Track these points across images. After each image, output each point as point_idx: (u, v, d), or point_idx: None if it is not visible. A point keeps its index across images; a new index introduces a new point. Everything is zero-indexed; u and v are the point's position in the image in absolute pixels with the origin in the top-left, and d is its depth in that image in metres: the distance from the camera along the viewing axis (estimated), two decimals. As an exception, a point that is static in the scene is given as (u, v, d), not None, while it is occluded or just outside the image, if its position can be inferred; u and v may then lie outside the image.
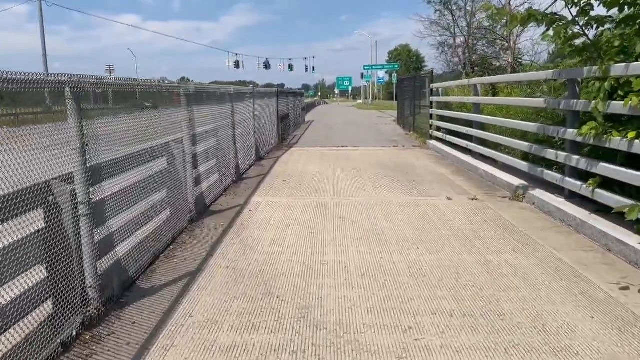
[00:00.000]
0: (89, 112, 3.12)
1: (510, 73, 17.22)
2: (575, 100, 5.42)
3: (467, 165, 8.89)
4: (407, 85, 18.24)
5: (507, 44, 17.73)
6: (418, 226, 5.25)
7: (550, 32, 5.25)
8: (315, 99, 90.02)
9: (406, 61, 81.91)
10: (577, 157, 5.34)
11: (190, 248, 4.64)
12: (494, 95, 11.88)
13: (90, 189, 3.11)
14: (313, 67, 71.08)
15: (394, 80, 46.35)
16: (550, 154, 6.01)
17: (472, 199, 6.46)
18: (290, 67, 70.31)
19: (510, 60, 17.68)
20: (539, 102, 6.81)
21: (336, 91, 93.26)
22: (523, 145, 7.00)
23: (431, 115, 12.82)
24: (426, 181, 7.82)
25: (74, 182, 3.00)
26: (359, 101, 74.03)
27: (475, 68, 21.36)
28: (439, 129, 12.35)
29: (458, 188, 7.24)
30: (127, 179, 3.76)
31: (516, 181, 6.76)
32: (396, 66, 50.26)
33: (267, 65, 68.29)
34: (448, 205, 6.18)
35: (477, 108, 9.24)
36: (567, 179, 5.56)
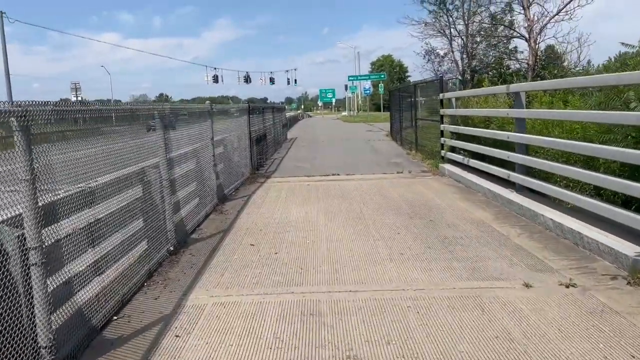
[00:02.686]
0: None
1: (533, 77, 14.85)
2: None
3: (514, 206, 6.28)
4: (403, 96, 15.74)
5: (526, 41, 15.42)
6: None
7: None
8: (299, 112, 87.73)
9: (389, 72, 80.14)
10: None
11: None
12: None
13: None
14: (295, 80, 68.68)
15: (381, 90, 44.11)
16: None
17: (568, 285, 3.82)
18: (272, 80, 67.85)
19: (530, 63, 15.31)
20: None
21: (319, 103, 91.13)
22: (622, 184, 4.41)
23: (442, 132, 10.26)
24: (468, 238, 5.18)
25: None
26: (343, 113, 71.85)
27: (475, 75, 19.06)
28: (453, 149, 9.78)
29: (525, 254, 4.60)
30: None
31: (626, 247, 4.15)
32: (383, 76, 48.07)
33: (247, 79, 65.82)
34: (534, 302, 3.53)
35: (521, 125, 6.67)
36: None
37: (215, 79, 63.13)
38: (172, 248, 4.95)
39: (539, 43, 14.97)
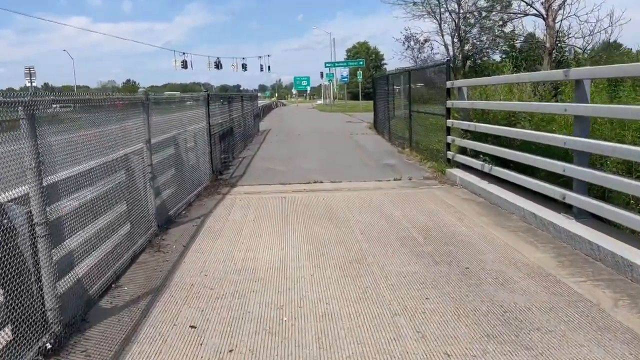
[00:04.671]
0: None
1: (550, 60, 12.94)
2: None
3: (579, 243, 4.39)
4: (393, 84, 13.76)
5: (543, 19, 13.45)
6: None
7: None
8: (273, 99, 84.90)
9: (365, 59, 78.10)
10: None
11: None
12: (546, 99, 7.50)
13: None
14: (269, 67, 66.29)
15: (359, 78, 42.02)
16: None
17: None
18: (244, 66, 64.93)
19: (548, 45, 13.35)
20: None
21: (294, 91, 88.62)
22: None
23: (448, 129, 8.33)
24: (539, 312, 3.25)
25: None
26: (319, 102, 69.60)
27: (468, 61, 17.20)
28: (463, 150, 7.87)
29: (658, 357, 2.70)
30: None
31: None
32: (361, 63, 45.83)
33: (218, 65, 62.78)
34: None
35: (583, 125, 4.76)
36: None
37: (184, 64, 59.93)
38: (49, 345, 2.84)
39: (560, 21, 13.11)
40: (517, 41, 15.31)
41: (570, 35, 13.54)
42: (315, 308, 3.38)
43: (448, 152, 8.36)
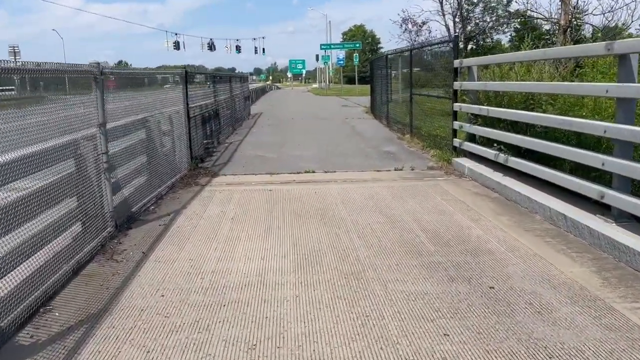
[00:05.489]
0: None
1: (565, 39, 11.92)
2: None
3: (624, 253, 3.58)
4: (393, 65, 12.82)
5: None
6: None
7: None
8: (267, 82, 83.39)
9: (361, 42, 76.53)
10: None
11: None
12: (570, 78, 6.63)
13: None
14: (263, 49, 64.45)
15: (356, 61, 40.83)
16: None
17: None
18: (238, 48, 63.53)
19: (563, 22, 12.33)
20: None
21: (289, 75, 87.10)
22: None
23: (455, 113, 7.47)
24: (592, 356, 2.44)
25: None
26: (314, 85, 68.39)
27: (470, 42, 16.24)
28: (472, 138, 7.05)
29: None
30: None
31: None
32: (358, 45, 44.45)
33: (211, 47, 61.34)
34: None
35: (628, 110, 3.91)
36: None
37: (177, 45, 58.54)
38: None
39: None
40: (530, 17, 14.33)
41: (587, 12, 12.60)
42: (300, 349, 2.56)
43: (455, 139, 7.52)
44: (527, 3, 13.32)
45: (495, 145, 6.13)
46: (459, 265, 3.63)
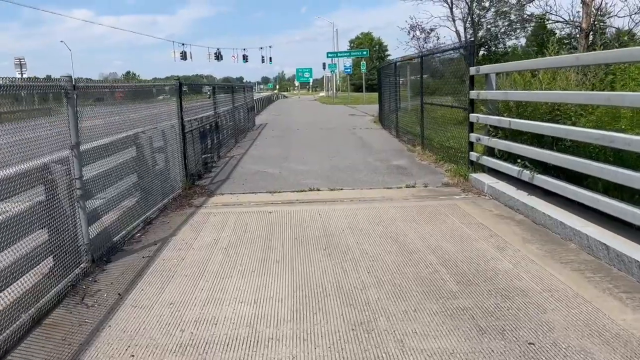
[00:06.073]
0: None
1: (588, 44, 11.25)
2: None
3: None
4: (401, 72, 12.28)
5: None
6: None
7: None
8: (274, 92, 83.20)
9: (369, 50, 76.16)
10: None
11: None
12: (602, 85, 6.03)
13: None
14: (270, 58, 64.37)
15: (363, 69, 40.33)
16: None
17: None
18: (245, 57, 63.42)
19: (584, 26, 11.67)
20: None
21: (296, 83, 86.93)
22: None
23: (471, 125, 6.90)
24: None
25: None
26: (321, 94, 68.04)
27: (481, 48, 15.68)
28: (491, 151, 6.47)
29: None
30: None
31: None
32: (365, 53, 43.91)
33: (218, 56, 61.32)
34: None
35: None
36: None
37: (184, 55, 58.56)
38: None
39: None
40: (549, 21, 13.64)
41: (611, 14, 11.96)
42: None
43: (471, 152, 6.93)
44: (545, 5, 12.74)
45: (519, 160, 5.54)
46: (489, 312, 3.05)
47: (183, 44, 60.23)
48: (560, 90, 5.36)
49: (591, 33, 11.51)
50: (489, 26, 15.87)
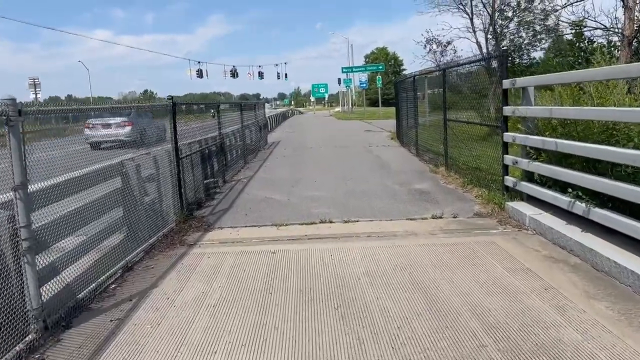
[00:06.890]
0: None
1: (631, 53, 10.28)
2: None
3: None
4: (420, 87, 11.44)
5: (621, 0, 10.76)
6: None
7: None
8: (290, 107, 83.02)
9: (384, 64, 75.58)
10: None
11: None
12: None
13: None
14: (285, 74, 64.47)
15: (379, 83, 39.56)
16: None
17: None
18: (260, 74, 63.34)
19: (627, 33, 10.66)
20: None
21: (312, 99, 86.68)
22: None
23: (506, 145, 6.04)
24: None
25: None
26: (337, 109, 67.50)
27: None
28: (530, 176, 5.57)
29: None
30: None
31: None
32: (381, 67, 43.11)
33: (234, 74, 61.39)
34: None
35: None
36: None
37: (200, 73, 58.77)
38: None
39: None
40: (587, 27, 12.59)
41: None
42: None
43: (506, 177, 6.04)
44: (583, 11, 11.81)
45: (569, 190, 4.62)
46: None
47: (199, 62, 60.13)
48: (627, 107, 4.43)
49: (635, 40, 10.50)
50: (512, 37, 14.97)
